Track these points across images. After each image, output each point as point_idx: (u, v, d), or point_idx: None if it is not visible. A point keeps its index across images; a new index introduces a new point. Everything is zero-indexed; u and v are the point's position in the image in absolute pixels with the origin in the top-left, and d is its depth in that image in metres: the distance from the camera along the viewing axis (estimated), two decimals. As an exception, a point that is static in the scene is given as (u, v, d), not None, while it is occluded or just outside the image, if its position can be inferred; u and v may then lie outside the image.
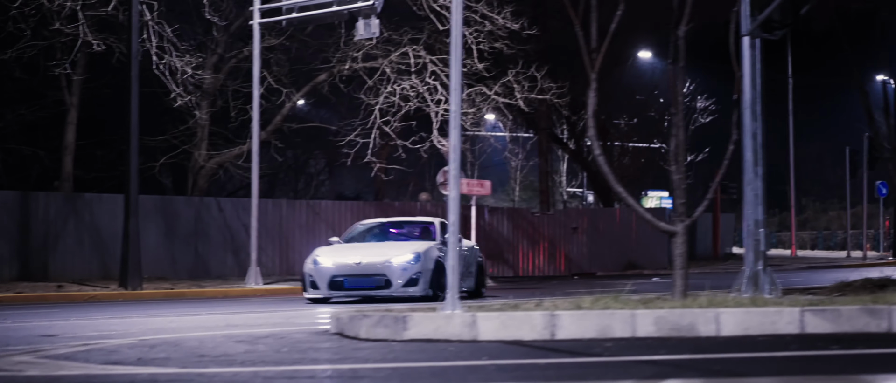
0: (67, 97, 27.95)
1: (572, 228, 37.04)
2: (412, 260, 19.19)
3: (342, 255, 19.52)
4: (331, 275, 19.11)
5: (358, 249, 19.99)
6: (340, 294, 19.21)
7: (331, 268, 19.24)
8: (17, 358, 8.79)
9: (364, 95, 28.79)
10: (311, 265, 19.49)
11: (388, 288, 18.91)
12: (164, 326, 12.74)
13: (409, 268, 19.07)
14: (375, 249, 19.96)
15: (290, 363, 8.18)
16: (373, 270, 19.07)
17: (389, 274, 19.01)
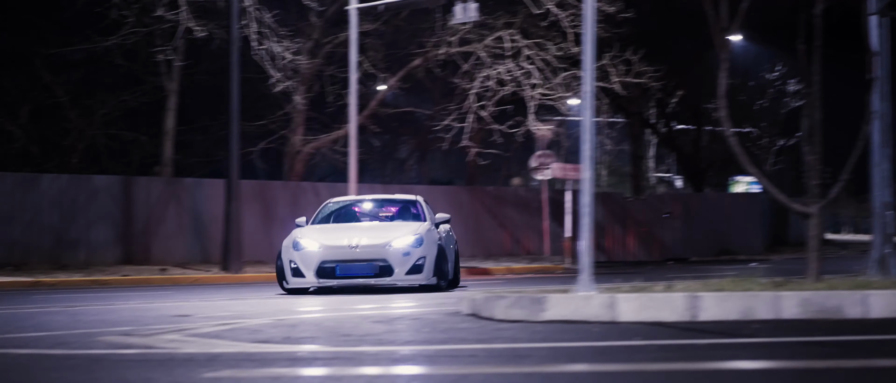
0: (167, 83, 28.27)
1: (665, 213, 36.77)
2: (414, 243, 16.49)
3: (330, 238, 16.71)
4: (320, 261, 16.24)
5: (344, 231, 17.12)
6: (331, 282, 16.38)
7: (319, 252, 16.33)
8: (165, 336, 8.90)
9: (459, 80, 28.77)
10: (292, 249, 16.56)
11: (389, 276, 16.23)
12: (288, 307, 12.82)
13: (413, 254, 16.38)
14: (367, 231, 17.06)
15: (440, 342, 8.19)
16: (371, 255, 16.26)
17: (391, 259, 16.26)
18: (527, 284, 18.65)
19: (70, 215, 26.89)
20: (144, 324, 10.25)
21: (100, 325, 10.21)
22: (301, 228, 17.30)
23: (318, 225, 17.62)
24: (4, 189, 26.25)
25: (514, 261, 30.94)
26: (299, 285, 16.46)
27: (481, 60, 28.57)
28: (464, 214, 32.86)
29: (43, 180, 26.71)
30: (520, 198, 34.29)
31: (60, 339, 8.88)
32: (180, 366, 6.87)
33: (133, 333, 9.32)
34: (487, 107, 28.26)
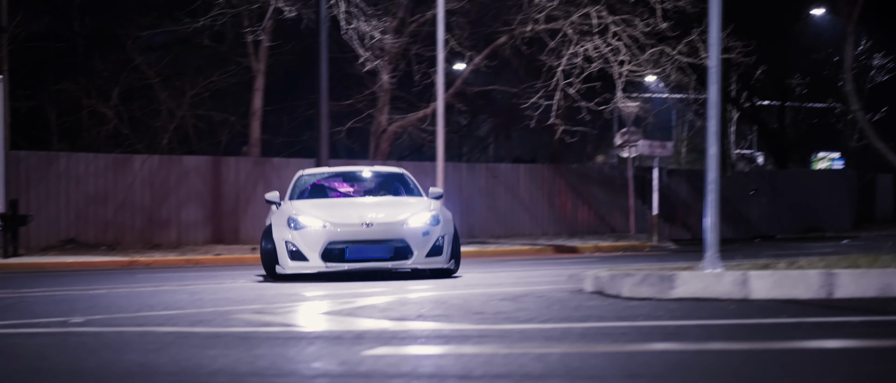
0: (255, 63, 28.42)
1: (751, 190, 36.37)
2: (431, 221, 14.38)
3: (335, 214, 14.48)
4: (326, 242, 14.01)
5: (346, 207, 15.05)
6: (340, 267, 14.06)
7: (324, 231, 14.10)
8: (297, 314, 8.92)
9: (545, 57, 28.61)
10: (289, 228, 14.22)
11: (407, 259, 14.05)
12: (406, 286, 12.80)
13: (432, 233, 14.24)
14: (372, 207, 14.83)
15: (579, 320, 8.11)
16: (386, 234, 14.07)
17: (409, 239, 14.08)
18: (551, 264, 18.46)
19: (161, 195, 27.19)
20: (269, 303, 10.29)
21: (225, 304, 10.26)
22: (290, 204, 14.96)
23: (308, 200, 15.30)
24: (98, 169, 26.59)
25: (599, 239, 30.76)
26: (299, 270, 14.09)
27: (568, 37, 28.38)
28: (548, 192, 32.75)
29: (135, 161, 27.01)
30: (604, 176, 34.10)
31: (197, 317, 8.93)
32: (335, 344, 6.86)
33: (264, 311, 9.36)
34: (575, 84, 28.06)
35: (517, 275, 14.89)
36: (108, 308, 10.16)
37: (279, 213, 14.69)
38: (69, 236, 26.17)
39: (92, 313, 9.57)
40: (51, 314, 9.63)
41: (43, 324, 8.70)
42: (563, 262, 20.58)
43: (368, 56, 26.40)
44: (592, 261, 21.36)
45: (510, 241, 29.76)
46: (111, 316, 9.25)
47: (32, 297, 12.09)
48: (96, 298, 11.53)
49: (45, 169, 26.01)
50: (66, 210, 26.24)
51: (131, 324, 8.53)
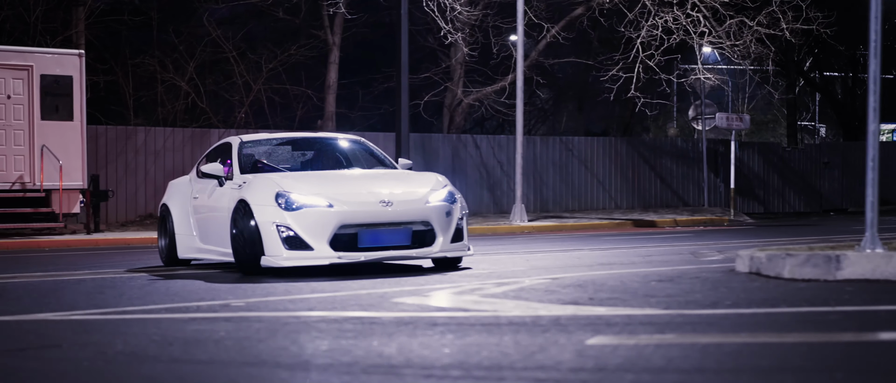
0: (330, 36, 28.18)
1: (824, 163, 35.83)
2: (448, 198, 11.81)
3: (335, 190, 11.53)
4: (337, 225, 11.14)
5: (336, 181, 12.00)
6: (354, 257, 11.15)
7: (331, 212, 11.22)
8: (465, 297, 8.66)
9: (624, 29, 28.19)
10: (281, 208, 11.23)
11: (430, 246, 11.43)
12: (538, 264, 12.50)
13: (453, 213, 11.70)
14: (370, 181, 12.01)
15: (758, 304, 7.80)
16: (408, 215, 11.39)
17: (434, 221, 11.49)
18: (641, 239, 18.07)
19: (238, 170, 27.02)
20: (418, 286, 10.04)
21: (373, 287, 10.02)
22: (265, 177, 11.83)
23: (288, 173, 12.24)
24: (175, 144, 26.46)
25: (674, 213, 30.36)
26: (300, 262, 11.07)
27: (647, 8, 27.94)
28: (622, 166, 32.38)
29: (212, 135, 26.84)
30: (677, 149, 33.65)
31: (355, 301, 8.69)
32: (551, 332, 6.58)
33: (418, 293, 9.11)
34: (655, 56, 27.64)
35: (628, 252, 14.55)
36: (253, 291, 9.96)
37: (262, 188, 11.42)
38: (148, 211, 26.08)
39: (238, 296, 9.36)
40: (197, 297, 9.43)
41: (202, 309, 8.48)
42: (649, 237, 20.27)
43: (449, 29, 26.06)
44: (678, 235, 21.04)
45: (585, 215, 29.42)
46: (263, 300, 9.03)
47: (157, 277, 11.91)
48: (221, 280, 11.31)
49: (123, 143, 25.91)
50: (144, 185, 26.15)
51: (293, 309, 8.30)
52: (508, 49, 28.34)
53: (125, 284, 10.89)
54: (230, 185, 12.24)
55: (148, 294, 9.79)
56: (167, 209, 13.78)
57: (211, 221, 12.64)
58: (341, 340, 6.43)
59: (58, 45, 25.56)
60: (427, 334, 6.63)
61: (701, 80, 28.89)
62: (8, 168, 22.22)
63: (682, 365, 5.43)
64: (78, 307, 8.77)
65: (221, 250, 12.28)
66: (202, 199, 12.94)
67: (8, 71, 22.15)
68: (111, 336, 6.97)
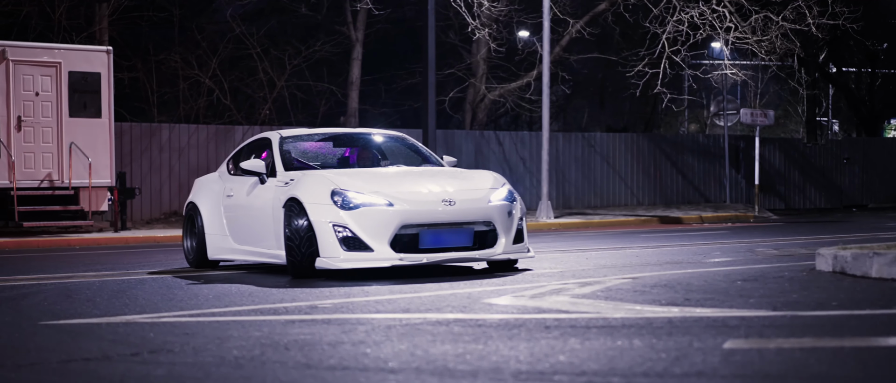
0: (353, 33, 27.99)
1: (844, 159, 35.69)
2: (508, 196, 11.28)
3: (393, 188, 10.97)
4: (398, 225, 10.60)
5: (391, 179, 11.35)
6: (416, 259, 10.57)
7: (391, 211, 10.67)
8: (553, 298, 8.49)
9: (649, 25, 28.02)
10: (337, 206, 10.68)
11: (493, 247, 10.91)
12: (602, 263, 12.33)
13: (514, 212, 11.19)
14: (429, 178, 11.38)
15: (868, 305, 7.64)
16: (470, 214, 10.85)
17: (497, 221, 10.96)
18: (672, 237, 17.86)
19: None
20: (497, 287, 9.87)
21: (452, 288, 9.86)
22: (316, 175, 11.24)
23: (337, 170, 11.69)
24: (200, 141, 26.29)
25: (697, 209, 30.21)
26: (359, 263, 10.52)
27: (672, 4, 27.76)
28: (644, 162, 32.22)
29: (236, 132, 26.67)
30: (698, 145, 33.49)
31: (444, 303, 8.52)
32: (668, 334, 6.41)
33: (502, 293, 8.95)
34: (681, 51, 27.48)
35: (682, 250, 14.37)
36: (330, 293, 9.78)
37: (315, 187, 10.85)
38: (172, 209, 25.92)
39: (317, 297, 9.19)
40: (275, 298, 9.26)
41: (290, 310, 8.31)
42: (685, 234, 20.14)
43: (476, 24, 25.87)
44: (711, 232, 20.89)
45: (608, 212, 29.27)
46: (347, 301, 8.86)
47: (222, 277, 11.73)
48: (280, 282, 11.12)
49: (147, 140, 25.74)
50: (169, 182, 25.97)
51: (385, 310, 8.13)
52: (532, 44, 28.16)
53: (189, 286, 10.71)
54: (274, 183, 11.65)
55: (222, 295, 9.61)
56: (195, 208, 13.12)
57: (249, 220, 12.05)
58: (468, 344, 6.26)
59: (82, 42, 25.36)
60: (547, 337, 6.45)
61: (725, 76, 28.70)
62: (36, 165, 22.02)
63: (843, 371, 5.25)
64: (160, 309, 8.60)
65: (261, 251, 11.80)
66: (238, 197, 12.35)
67: (36, 68, 21.96)
68: (217, 339, 6.79)
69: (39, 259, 16.13)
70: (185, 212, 13.53)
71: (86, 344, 6.82)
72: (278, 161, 11.96)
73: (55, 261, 15.45)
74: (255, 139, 13.14)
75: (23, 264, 14.80)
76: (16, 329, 7.63)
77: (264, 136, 12.83)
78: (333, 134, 13.08)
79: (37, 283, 11.27)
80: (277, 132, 12.69)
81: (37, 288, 10.68)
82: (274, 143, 12.31)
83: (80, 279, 11.73)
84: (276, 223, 11.37)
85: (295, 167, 11.90)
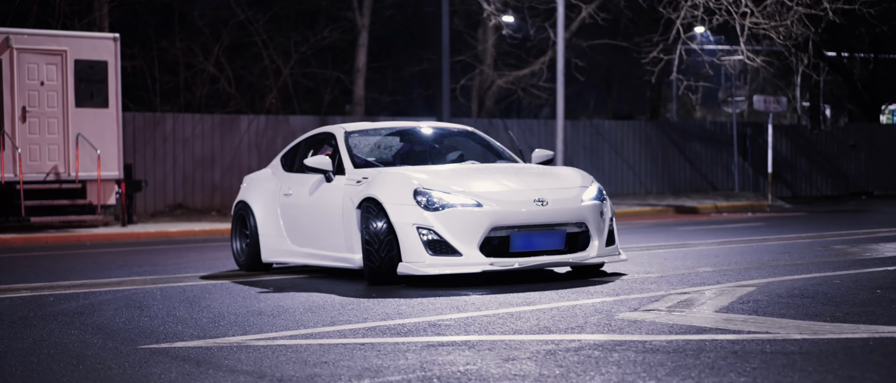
0: (359, 18, 27.15)
1: (850, 145, 35.19)
2: (598, 195, 10.49)
3: (481, 185, 10.15)
4: (489, 226, 9.80)
5: (476, 175, 10.44)
6: (508, 263, 9.76)
7: (481, 211, 9.87)
8: (697, 311, 7.78)
9: (663, 9, 27.33)
10: (416, 206, 9.94)
11: (585, 250, 10.13)
12: (693, 266, 11.63)
13: (606, 213, 10.42)
14: (515, 176, 10.55)
15: None
16: (563, 215, 10.05)
17: (590, 222, 10.17)
18: (696, 228, 17.21)
19: (268, 157, 25.98)
20: (602, 297, 9.14)
21: (559, 299, 9.13)
22: (395, 172, 10.42)
23: (416, 166, 10.83)
24: (204, 131, 25.43)
25: (708, 198, 29.63)
26: (445, 268, 9.74)
27: (686, -12, 27.07)
28: (652, 150, 31.59)
29: (241, 122, 25.82)
30: (705, 132, 32.89)
31: (580, 319, 7.78)
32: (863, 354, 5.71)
33: (624, 306, 8.22)
34: (697, 37, 26.82)
35: (740, 248, 13.71)
36: (436, 305, 9.03)
37: (398, 186, 10.08)
38: (177, 201, 25.06)
39: (431, 312, 8.45)
40: (383, 313, 8.49)
41: (406, 330, 7.54)
42: (714, 227, 19.61)
43: (492, 10, 25.08)
44: (739, 224, 20.34)
45: (619, 201, 28.63)
46: (468, 315, 8.11)
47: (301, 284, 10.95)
48: (359, 290, 10.36)
49: (151, 131, 24.84)
50: (173, 173, 25.10)
51: (529, 330, 7.38)
52: (545, 30, 27.41)
53: (263, 294, 9.94)
54: (343, 181, 10.79)
55: (313, 308, 8.82)
56: (247, 207, 12.26)
57: (312, 221, 11.21)
58: (670, 378, 5.53)
59: (82, 29, 24.38)
60: (752, 367, 5.73)
61: (734, 62, 28.07)
62: (42, 158, 21.10)
63: None
64: (259, 327, 7.83)
65: (325, 254, 10.99)
66: (298, 196, 11.46)
67: (41, 56, 21.01)
68: (367, 371, 6.03)
69: (57, 258, 15.29)
70: (234, 211, 12.68)
71: (222, 378, 6.04)
72: (346, 157, 11.11)
73: (78, 261, 14.63)
74: (313, 134, 12.28)
75: (48, 265, 13.99)
76: (119, 356, 6.82)
77: (325, 131, 11.99)
78: (400, 128, 12.17)
79: (89, 292, 10.46)
80: (340, 127, 11.78)
81: (94, 299, 9.86)
82: (339, 139, 11.42)
83: (134, 286, 10.92)
84: (347, 224, 10.59)
85: (361, 164, 11.04)
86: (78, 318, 8.58)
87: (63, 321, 8.40)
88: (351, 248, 10.57)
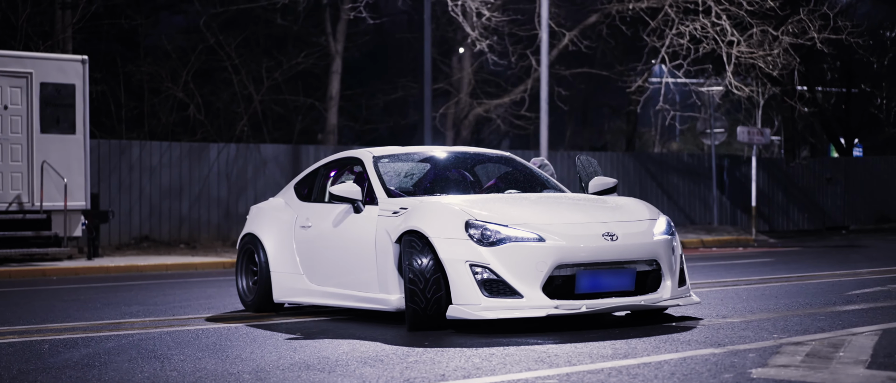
0: (332, 44, 26.07)
1: (826, 179, 34.57)
2: (667, 229, 9.34)
3: (543, 217, 9.00)
4: (553, 264, 8.61)
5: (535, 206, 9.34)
6: (574, 306, 8.55)
7: (543, 247, 8.67)
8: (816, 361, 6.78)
9: (648, 37, 26.55)
10: (470, 240, 8.73)
11: (656, 290, 8.99)
12: (754, 306, 10.67)
13: (677, 249, 9.32)
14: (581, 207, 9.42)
15: None
16: (633, 252, 8.91)
17: (663, 259, 9.04)
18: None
19: (238, 187, 24.86)
20: (716, 347, 8.12)
21: (650, 349, 8.09)
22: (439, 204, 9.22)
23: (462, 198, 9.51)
24: (172, 159, 24.19)
25: (688, 232, 28.79)
26: (503, 312, 8.52)
27: (670, 17, 26.31)
28: (629, 182, 30.73)
29: (211, 150, 24.59)
30: (683, 164, 32.11)
31: (702, 377, 6.74)
32: None
33: (760, 361, 7.21)
34: (684, 66, 26.06)
35: (793, 288, 12.80)
36: (519, 356, 7.95)
37: (423, 217, 8.99)
38: (143, 233, 23.77)
39: (489, 371, 7.36)
40: (461, 369, 7.40)
41: None
42: (699, 260, 18.71)
43: (476, 35, 24.10)
44: (723, 257, 19.49)
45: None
46: (557, 374, 7.04)
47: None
48: (402, 336, 9.27)
49: (117, 158, 23.56)
50: (139, 204, 23.81)
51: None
52: (526, 58, 26.48)
53: (295, 342, 8.83)
54: (375, 212, 9.60)
55: (366, 359, 7.72)
56: (256, 240, 10.98)
57: (337, 257, 10.00)
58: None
59: (45, 51, 23.09)
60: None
61: (711, 94, 27.35)
62: (5, 187, 19.79)
63: None
64: None
65: (352, 294, 9.79)
66: (319, 229, 10.24)
67: (5, 78, 19.75)
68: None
69: (28, 295, 14.10)
70: (239, 245, 11.44)
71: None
72: (378, 186, 9.92)
73: (54, 298, 13.43)
74: (333, 159, 11.04)
75: (21, 302, 12.88)
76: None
77: (347, 156, 10.77)
78: (435, 153, 10.82)
79: (88, 337, 9.28)
80: (368, 151, 10.54)
81: (97, 346, 8.68)
82: (368, 164, 10.20)
83: (135, 330, 9.77)
84: (381, 261, 9.41)
85: (394, 194, 9.90)
86: (90, 372, 7.40)
87: (74, 377, 7.21)
88: (385, 288, 9.41)
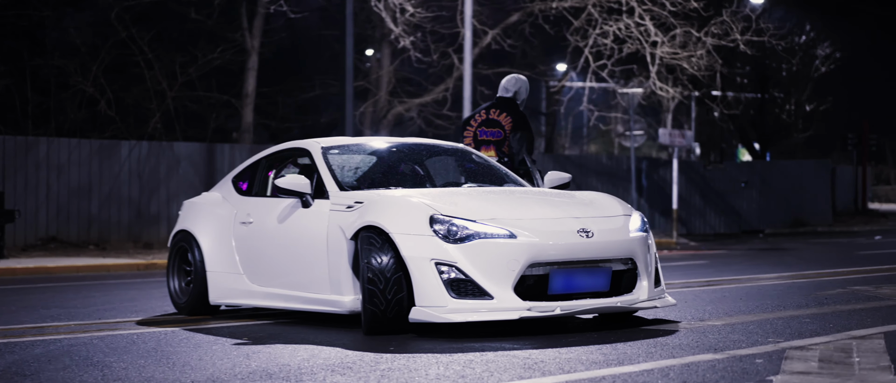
0: (249, 40, 25.26)
1: (743, 183, 34.54)
2: (642, 226, 8.74)
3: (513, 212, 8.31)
4: (525, 263, 7.97)
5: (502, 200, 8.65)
6: (547, 308, 7.93)
7: (515, 244, 8.02)
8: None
9: (571, 37, 26.18)
10: (435, 236, 8.04)
11: (631, 291, 8.39)
12: (733, 308, 10.19)
13: (652, 247, 8.77)
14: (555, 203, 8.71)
15: None
16: (608, 250, 8.28)
17: (639, 257, 8.47)
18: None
19: (151, 187, 23.90)
20: (706, 353, 7.60)
21: (644, 352, 7.54)
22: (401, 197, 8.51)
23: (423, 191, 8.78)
24: (82, 157, 23.15)
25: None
26: (472, 315, 7.84)
27: (593, 17, 25.97)
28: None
29: (122, 148, 23.60)
30: (603, 166, 31.80)
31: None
32: None
33: (773, 370, 6.69)
34: (608, 66, 25.74)
35: (756, 289, 12.39)
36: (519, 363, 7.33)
37: (383, 212, 8.30)
38: (50, 234, 22.69)
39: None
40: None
41: None
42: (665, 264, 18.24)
43: (400, 32, 23.47)
44: (681, 263, 19.11)
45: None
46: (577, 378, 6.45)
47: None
48: (374, 342, 8.62)
49: (23, 156, 22.46)
50: (46, 204, 22.73)
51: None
52: (448, 56, 25.94)
53: (242, 347, 8.13)
54: (327, 206, 8.89)
55: (331, 366, 7.05)
56: (190, 238, 10.22)
57: (283, 255, 9.29)
58: None
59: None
60: None
61: (631, 96, 27.12)
62: None
63: None
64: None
65: (298, 294, 9.06)
66: (262, 225, 9.53)
67: None
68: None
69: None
70: (171, 243, 10.63)
71: None
72: (329, 178, 9.18)
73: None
74: (277, 150, 10.27)
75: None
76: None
77: (293, 147, 10.01)
78: (383, 147, 10.03)
79: (10, 342, 8.46)
80: (315, 142, 9.78)
81: (23, 352, 7.88)
82: (316, 156, 9.46)
83: (61, 334, 8.95)
84: (333, 260, 8.67)
85: (347, 187, 9.16)
86: (22, 382, 6.63)
87: (5, 385, 6.47)
88: (338, 288, 8.67)
